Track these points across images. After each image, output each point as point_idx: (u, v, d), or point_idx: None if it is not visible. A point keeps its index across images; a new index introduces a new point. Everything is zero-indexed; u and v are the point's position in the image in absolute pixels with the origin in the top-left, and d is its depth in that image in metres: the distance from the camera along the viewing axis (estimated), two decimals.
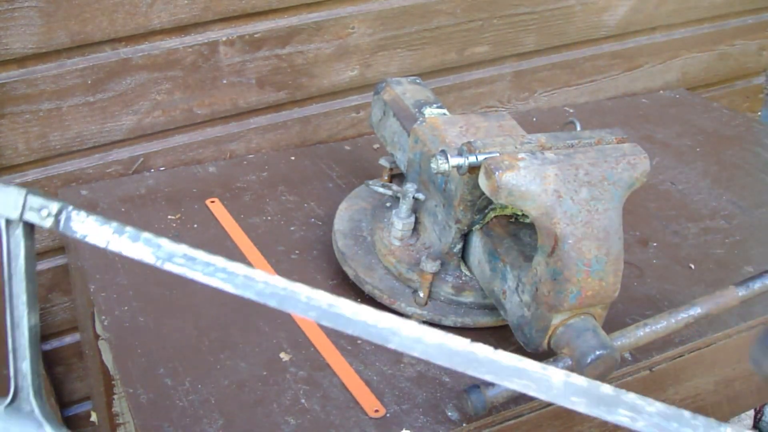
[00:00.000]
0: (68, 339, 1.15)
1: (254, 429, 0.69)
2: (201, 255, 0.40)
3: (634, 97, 1.45)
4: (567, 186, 0.65)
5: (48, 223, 0.39)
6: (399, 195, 0.81)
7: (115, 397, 0.95)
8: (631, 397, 0.37)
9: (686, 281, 0.92)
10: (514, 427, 0.73)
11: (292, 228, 0.96)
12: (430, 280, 0.76)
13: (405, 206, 0.80)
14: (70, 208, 0.39)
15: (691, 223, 1.04)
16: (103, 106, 1.00)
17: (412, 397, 0.72)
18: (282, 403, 0.71)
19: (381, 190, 0.84)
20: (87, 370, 1.16)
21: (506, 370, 0.38)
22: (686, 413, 0.36)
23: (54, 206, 0.39)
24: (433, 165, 0.70)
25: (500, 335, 0.80)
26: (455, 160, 0.68)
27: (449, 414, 0.71)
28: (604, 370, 0.65)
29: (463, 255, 0.79)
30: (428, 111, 0.86)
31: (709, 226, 1.04)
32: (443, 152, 0.69)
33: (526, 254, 0.71)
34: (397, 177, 0.93)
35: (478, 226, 0.76)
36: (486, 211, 0.75)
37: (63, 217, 0.40)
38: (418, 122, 0.82)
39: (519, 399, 0.71)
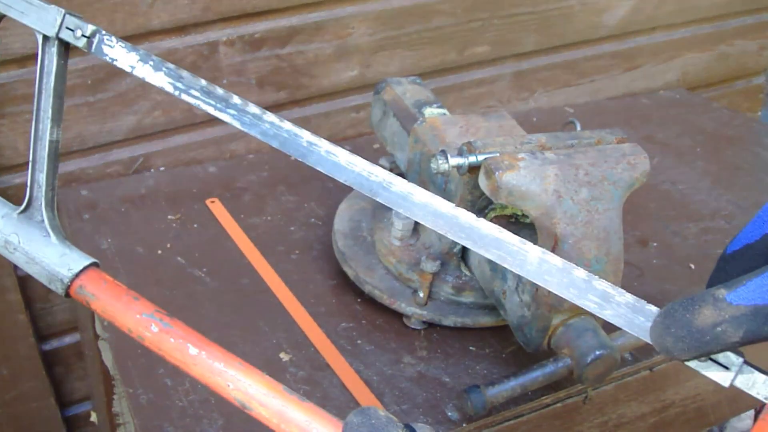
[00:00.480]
0: (68, 339, 1.15)
1: (254, 429, 0.68)
2: (217, 91, 0.41)
3: (634, 97, 1.45)
4: (567, 186, 0.65)
5: (81, 43, 0.42)
6: None
7: (115, 397, 0.95)
8: (603, 285, 0.37)
9: (686, 281, 0.92)
10: (514, 427, 0.73)
11: (292, 228, 0.96)
12: (430, 280, 0.77)
13: None
14: (104, 32, 0.41)
15: (691, 223, 1.04)
16: (103, 106, 1.00)
17: (412, 397, 0.72)
18: None
19: None
20: (87, 370, 1.16)
21: (485, 238, 0.39)
22: (653, 309, 0.36)
23: (89, 28, 0.41)
24: (433, 165, 0.70)
25: (500, 335, 0.80)
26: (455, 160, 0.68)
27: (449, 414, 0.71)
28: (604, 370, 0.65)
29: (463, 255, 0.79)
30: (428, 111, 0.86)
31: (709, 226, 1.04)
32: (443, 152, 0.69)
33: None
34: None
35: None
36: (486, 211, 0.75)
37: (96, 40, 0.42)
38: (418, 122, 0.82)
39: (519, 399, 0.71)
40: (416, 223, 0.82)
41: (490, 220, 0.76)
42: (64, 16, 0.42)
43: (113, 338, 0.78)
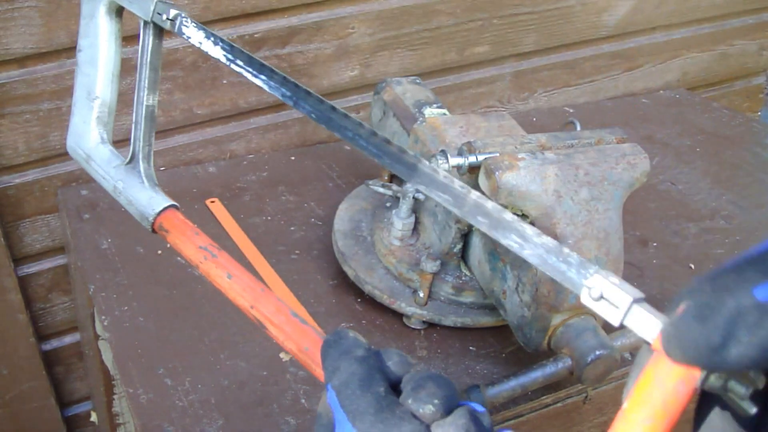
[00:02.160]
0: (68, 339, 1.15)
1: (254, 429, 0.69)
2: (255, 60, 0.49)
3: (634, 97, 1.45)
4: (567, 186, 0.65)
5: (167, 25, 0.52)
6: (399, 195, 0.81)
7: (115, 397, 0.95)
8: (525, 227, 0.41)
9: (686, 281, 0.92)
10: (514, 427, 0.73)
11: (292, 228, 0.96)
12: (430, 280, 0.77)
13: (405, 206, 0.80)
14: (184, 14, 0.52)
15: (691, 223, 1.04)
16: None
17: None
18: (282, 403, 0.71)
19: (381, 190, 0.84)
20: (87, 370, 1.16)
21: (430, 178, 0.44)
22: (565, 250, 0.40)
23: (172, 12, 0.52)
24: (432, 165, 0.70)
25: (500, 335, 0.80)
26: (455, 160, 0.68)
27: None
28: (604, 370, 0.65)
29: (463, 255, 0.79)
30: (428, 111, 0.86)
31: (709, 226, 1.04)
32: (443, 152, 0.69)
33: None
34: (397, 177, 0.93)
35: None
36: None
37: (178, 21, 0.52)
38: (418, 122, 0.82)
39: (519, 399, 0.71)
40: (416, 223, 0.82)
41: None
42: (156, 3, 0.53)
43: (113, 338, 0.78)
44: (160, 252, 0.89)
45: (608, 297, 0.36)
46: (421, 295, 0.77)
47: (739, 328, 0.28)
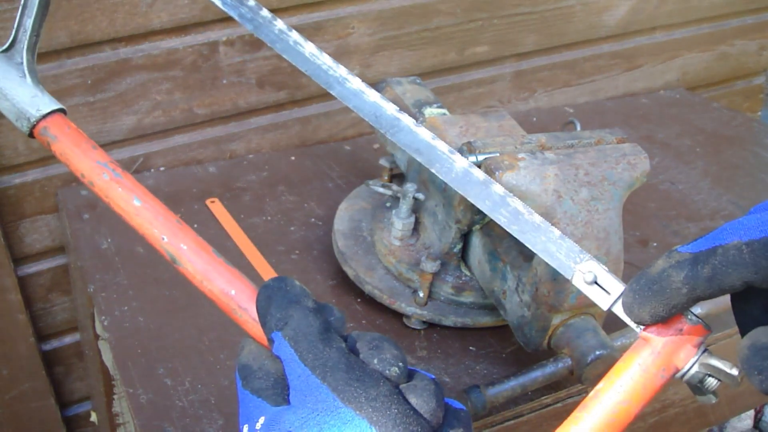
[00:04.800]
0: (68, 339, 1.15)
1: None
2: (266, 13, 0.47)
3: (634, 97, 1.45)
4: (567, 186, 0.65)
5: None
6: (399, 195, 0.81)
7: (115, 397, 0.95)
8: (517, 203, 0.41)
9: None
10: (514, 427, 0.73)
11: (292, 228, 0.96)
12: (430, 280, 0.77)
13: (405, 206, 0.80)
14: None
15: (691, 223, 1.04)
16: (103, 106, 1.00)
17: None
18: None
19: (381, 190, 0.84)
20: (87, 370, 1.16)
21: (420, 143, 0.43)
22: (556, 232, 0.40)
23: None
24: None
25: (500, 335, 0.80)
26: None
27: None
28: (604, 370, 0.65)
29: (463, 255, 0.79)
30: (428, 111, 0.86)
31: (709, 226, 1.04)
32: None
33: (526, 254, 0.71)
34: (397, 177, 0.93)
35: (478, 226, 0.76)
36: None
37: None
38: (418, 122, 0.82)
39: (519, 399, 0.71)
40: (416, 223, 0.82)
41: (491, 220, 0.76)
42: None
43: (113, 338, 0.78)
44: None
45: (602, 283, 0.38)
46: (421, 295, 0.77)
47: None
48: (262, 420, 0.36)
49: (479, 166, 0.67)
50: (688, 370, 0.36)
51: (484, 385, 0.68)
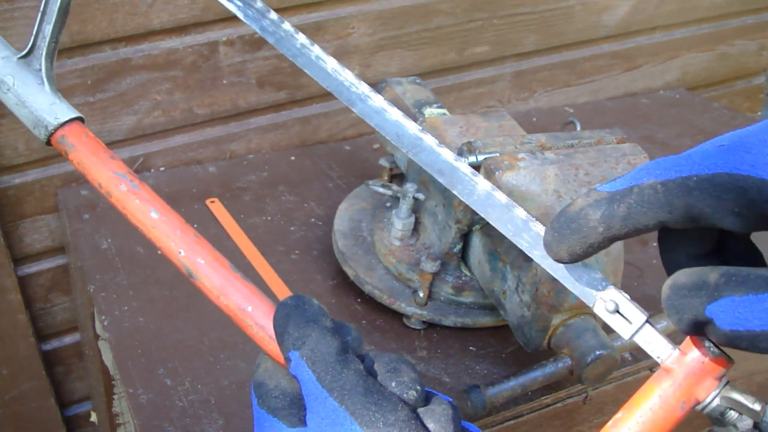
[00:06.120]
0: (68, 339, 1.15)
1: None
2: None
3: (634, 97, 1.45)
4: (567, 186, 0.65)
5: None
6: (399, 195, 0.81)
7: (115, 397, 0.95)
8: (538, 228, 0.40)
9: None
10: (514, 427, 0.73)
11: (292, 228, 0.96)
12: (430, 280, 0.77)
13: (405, 206, 0.81)
14: None
15: None
16: (103, 106, 1.00)
17: None
18: None
19: (381, 190, 0.84)
20: (87, 370, 1.16)
21: (442, 164, 0.43)
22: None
23: None
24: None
25: (500, 335, 0.80)
26: None
27: None
28: (604, 370, 0.65)
29: (463, 255, 0.79)
30: (428, 111, 0.86)
31: None
32: None
33: (526, 255, 0.71)
34: (397, 177, 0.93)
35: (478, 226, 0.76)
36: None
37: None
38: (418, 122, 0.82)
39: (519, 399, 0.71)
40: (416, 223, 0.82)
41: None
42: None
43: (113, 338, 0.78)
44: (160, 252, 0.89)
45: (623, 312, 0.37)
46: (421, 295, 0.77)
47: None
48: None
49: (479, 167, 0.67)
50: (710, 403, 0.36)
51: (484, 385, 0.68)
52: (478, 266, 0.77)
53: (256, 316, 0.40)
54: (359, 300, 0.84)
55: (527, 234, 0.41)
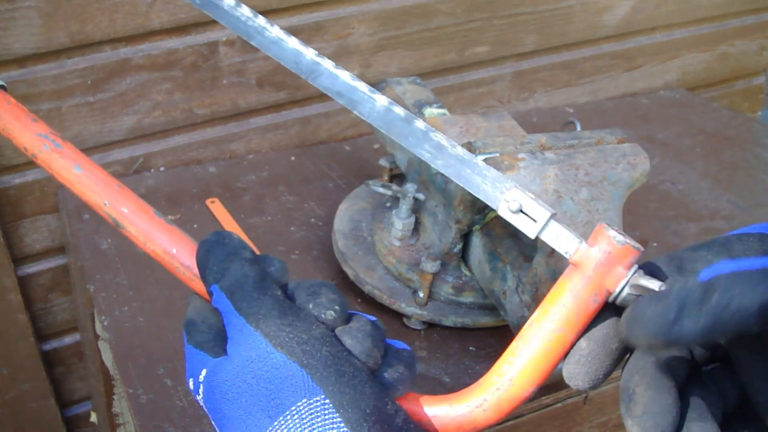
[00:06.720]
0: (68, 339, 1.15)
1: None
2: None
3: (634, 97, 1.45)
4: (567, 186, 0.65)
5: None
6: (399, 195, 0.81)
7: (115, 397, 0.95)
8: (439, 137, 0.40)
9: None
10: (514, 427, 0.73)
11: (292, 228, 0.96)
12: (430, 280, 0.77)
13: (405, 206, 0.81)
14: None
15: (691, 223, 1.04)
16: (103, 106, 1.00)
17: None
18: None
19: (381, 190, 0.84)
20: (87, 370, 1.16)
21: (343, 85, 0.43)
22: (480, 163, 0.39)
23: None
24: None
25: (500, 335, 0.80)
26: None
27: None
28: None
29: (463, 255, 0.79)
30: (428, 111, 0.86)
31: (709, 226, 1.04)
32: None
33: (526, 254, 0.71)
34: (397, 177, 0.93)
35: (478, 226, 0.76)
36: (486, 211, 0.75)
37: None
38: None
39: None
40: (416, 223, 0.82)
41: (491, 221, 0.76)
42: None
43: (113, 338, 0.78)
44: None
45: (527, 210, 0.37)
46: (421, 295, 0.77)
47: (688, 305, 0.30)
48: (204, 372, 0.36)
49: None
50: (620, 292, 0.35)
51: None
52: (478, 266, 0.77)
53: (182, 257, 0.42)
54: (359, 300, 0.84)
55: (428, 144, 0.41)
